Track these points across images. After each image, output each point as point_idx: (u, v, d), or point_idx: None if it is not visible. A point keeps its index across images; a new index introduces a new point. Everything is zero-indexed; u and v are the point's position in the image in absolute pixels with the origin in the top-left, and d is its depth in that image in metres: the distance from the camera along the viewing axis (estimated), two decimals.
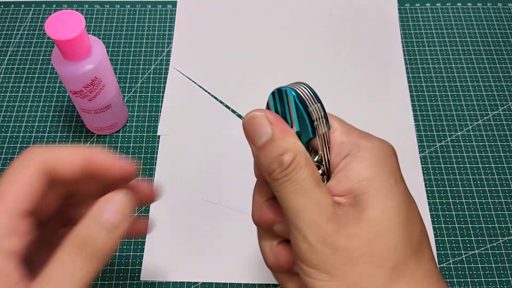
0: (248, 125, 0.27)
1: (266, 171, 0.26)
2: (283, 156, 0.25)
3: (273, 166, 0.25)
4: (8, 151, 0.49)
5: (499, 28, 0.59)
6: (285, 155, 0.25)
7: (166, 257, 0.44)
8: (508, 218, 0.46)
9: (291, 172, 0.25)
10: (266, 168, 0.26)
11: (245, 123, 0.27)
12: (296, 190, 0.25)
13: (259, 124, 0.26)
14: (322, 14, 0.59)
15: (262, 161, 0.26)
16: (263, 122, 0.26)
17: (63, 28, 0.39)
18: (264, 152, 0.26)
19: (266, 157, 0.26)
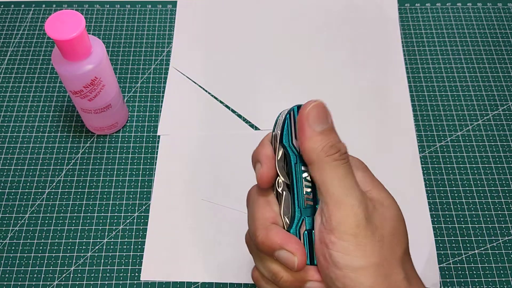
0: (315, 110, 0.30)
1: (324, 153, 0.29)
2: (340, 144, 0.30)
3: (333, 150, 0.29)
4: (8, 151, 0.49)
5: (499, 28, 0.59)
6: (342, 144, 0.30)
7: (166, 257, 0.44)
8: (508, 218, 0.46)
9: (346, 158, 0.30)
10: (326, 150, 0.29)
11: (313, 107, 0.30)
12: (350, 173, 0.30)
13: (324, 112, 0.30)
14: (322, 14, 0.59)
15: (317, 144, 0.29)
16: (327, 112, 0.30)
17: (63, 28, 0.39)
18: (325, 136, 0.30)
19: (326, 141, 0.29)
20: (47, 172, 0.48)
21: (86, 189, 0.47)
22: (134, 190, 0.47)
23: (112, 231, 0.45)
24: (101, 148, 0.50)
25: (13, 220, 0.46)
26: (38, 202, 0.47)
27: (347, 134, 0.34)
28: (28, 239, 0.45)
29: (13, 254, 0.44)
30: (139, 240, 0.45)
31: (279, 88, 0.54)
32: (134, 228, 0.46)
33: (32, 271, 0.43)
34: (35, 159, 0.49)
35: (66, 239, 0.45)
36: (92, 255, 0.44)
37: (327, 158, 0.29)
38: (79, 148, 0.50)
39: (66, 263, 0.44)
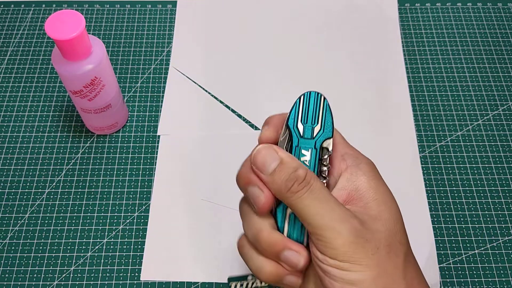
0: (258, 157, 0.30)
1: (283, 190, 0.30)
2: (297, 171, 0.29)
3: (290, 183, 0.29)
4: (8, 151, 0.49)
5: (499, 28, 0.59)
6: (299, 170, 0.29)
7: (166, 257, 0.44)
8: (508, 218, 0.46)
9: (308, 183, 0.29)
10: (284, 187, 0.29)
11: (254, 155, 0.30)
12: (318, 197, 0.29)
13: (267, 154, 0.30)
14: (322, 14, 0.59)
15: (277, 183, 0.30)
16: (270, 151, 0.30)
17: (63, 28, 0.39)
18: (278, 174, 0.30)
19: (281, 178, 0.30)
20: (47, 172, 0.48)
21: (86, 189, 0.47)
22: (134, 190, 0.47)
23: (112, 231, 0.45)
24: (101, 148, 0.50)
25: (13, 220, 0.46)
26: (38, 202, 0.47)
27: (347, 134, 0.34)
28: (28, 239, 0.45)
29: (13, 254, 0.44)
30: (139, 240, 0.45)
31: (279, 88, 0.54)
32: (134, 228, 0.46)
33: (32, 271, 0.43)
34: (35, 159, 0.49)
35: (66, 239, 0.45)
36: (92, 255, 0.44)
37: (288, 194, 0.29)
38: (79, 148, 0.50)
39: (66, 263, 0.44)
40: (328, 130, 0.31)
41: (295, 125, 0.31)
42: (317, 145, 0.31)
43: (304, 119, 0.31)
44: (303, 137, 0.31)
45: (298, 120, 0.31)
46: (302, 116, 0.31)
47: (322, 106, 0.32)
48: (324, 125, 0.32)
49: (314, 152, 0.31)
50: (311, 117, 0.32)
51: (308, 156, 0.31)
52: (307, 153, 0.31)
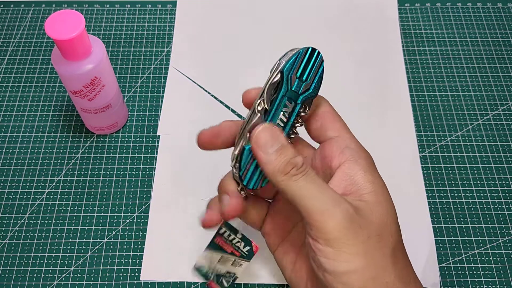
0: (262, 133, 0.31)
1: (280, 172, 0.30)
2: (295, 158, 0.31)
3: (290, 167, 0.30)
4: (8, 151, 0.49)
5: (499, 28, 0.59)
6: (297, 158, 0.31)
7: (166, 257, 0.44)
8: (508, 218, 0.46)
9: (305, 169, 0.30)
10: (282, 170, 0.30)
11: (258, 134, 0.31)
12: (312, 181, 0.30)
13: (270, 135, 0.31)
14: (322, 14, 0.59)
15: (273, 164, 0.31)
16: (275, 132, 0.31)
17: (63, 27, 0.39)
18: (278, 156, 0.31)
19: (280, 161, 0.30)
20: (47, 172, 0.48)
21: (86, 189, 0.47)
22: (134, 190, 0.47)
23: (112, 231, 0.45)
24: (101, 148, 0.50)
25: (13, 220, 0.46)
26: (38, 202, 0.47)
27: None
28: (28, 239, 0.45)
29: (13, 254, 0.44)
30: (139, 240, 0.45)
31: None
32: (134, 228, 0.46)
33: (32, 271, 0.43)
34: (35, 159, 0.49)
35: (66, 239, 0.45)
36: (92, 255, 0.44)
37: (285, 177, 0.30)
38: (79, 148, 0.50)
39: (66, 263, 0.44)
40: (315, 91, 0.33)
41: (290, 75, 0.32)
42: (299, 101, 0.33)
43: (300, 73, 0.32)
44: (292, 89, 0.32)
45: (294, 71, 0.32)
46: (300, 69, 0.32)
47: (319, 66, 0.33)
48: (313, 85, 0.33)
49: (297, 107, 0.33)
50: (307, 74, 0.33)
51: (290, 109, 0.33)
52: (290, 105, 0.33)
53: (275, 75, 0.32)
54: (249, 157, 0.33)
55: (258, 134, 0.31)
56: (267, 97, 0.32)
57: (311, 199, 0.30)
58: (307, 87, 0.33)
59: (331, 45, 0.57)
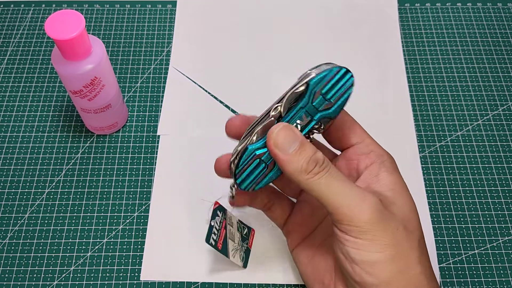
0: (280, 134, 0.31)
1: (304, 172, 0.30)
2: (316, 154, 0.30)
3: (312, 165, 0.30)
4: (8, 151, 0.49)
5: (499, 28, 0.59)
6: (318, 153, 0.31)
7: (166, 257, 0.44)
8: (508, 218, 0.46)
9: (327, 165, 0.31)
10: (304, 169, 0.30)
11: (277, 134, 0.31)
12: (337, 177, 0.30)
13: (288, 134, 0.31)
14: (322, 14, 0.59)
15: (294, 164, 0.30)
16: (293, 131, 0.31)
17: (63, 27, 0.39)
18: (298, 155, 0.30)
19: (301, 160, 0.30)
20: (46, 172, 0.48)
21: (86, 189, 0.47)
22: (134, 190, 0.47)
23: (112, 231, 0.45)
24: (101, 148, 0.50)
25: (12, 220, 0.46)
26: (37, 202, 0.47)
27: None
28: (27, 239, 0.45)
29: (12, 254, 0.44)
30: (139, 240, 0.45)
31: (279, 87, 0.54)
32: (134, 228, 0.46)
33: (32, 271, 0.43)
34: (35, 159, 0.49)
35: (66, 239, 0.45)
36: (92, 255, 0.44)
37: (308, 175, 0.30)
38: (79, 148, 0.50)
39: (66, 263, 0.44)
40: (335, 113, 0.32)
41: (315, 89, 0.31)
42: (316, 117, 0.32)
43: (326, 91, 0.31)
44: (313, 104, 0.32)
45: (320, 87, 0.31)
46: (326, 87, 0.31)
47: (346, 90, 0.32)
48: (335, 107, 0.32)
49: (312, 123, 0.32)
50: (332, 93, 0.32)
51: (305, 122, 0.32)
52: (305, 119, 0.32)
53: (300, 85, 0.31)
54: (248, 158, 0.33)
55: (277, 134, 0.31)
56: (286, 103, 0.32)
57: (337, 195, 0.30)
58: (329, 106, 0.32)
59: (331, 45, 0.57)
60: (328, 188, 0.30)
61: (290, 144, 0.31)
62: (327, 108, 0.32)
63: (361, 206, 0.30)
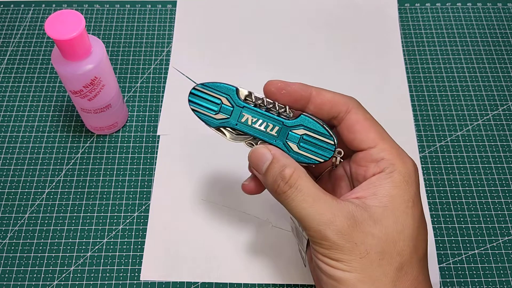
0: (253, 157, 0.32)
1: (273, 190, 0.31)
2: (284, 170, 0.30)
3: (277, 182, 0.30)
4: (8, 151, 0.49)
5: (499, 28, 0.59)
6: (286, 169, 0.30)
7: (166, 257, 0.44)
8: (508, 218, 0.46)
9: (295, 183, 0.30)
10: (272, 187, 0.30)
11: (250, 156, 0.32)
12: (305, 198, 0.29)
13: (261, 153, 0.31)
14: (322, 14, 0.59)
15: (268, 182, 0.31)
16: (264, 151, 0.31)
17: (63, 27, 0.39)
18: (268, 173, 0.31)
19: (270, 177, 0.30)
20: (46, 172, 0.48)
21: (86, 189, 0.47)
22: (134, 190, 0.47)
23: (112, 231, 0.45)
24: (101, 148, 0.50)
25: (12, 220, 0.46)
26: (37, 202, 0.47)
27: None
28: (27, 239, 0.45)
29: (12, 254, 0.44)
30: (139, 240, 0.45)
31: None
32: (134, 228, 0.46)
33: (32, 271, 0.43)
34: (35, 159, 0.49)
35: (66, 239, 0.45)
36: (92, 255, 0.44)
37: (276, 194, 0.31)
38: (79, 148, 0.50)
39: (66, 263, 0.44)
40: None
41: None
42: None
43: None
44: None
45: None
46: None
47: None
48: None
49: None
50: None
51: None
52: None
53: None
54: None
55: (250, 157, 0.32)
56: None
57: (305, 218, 0.29)
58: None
59: (331, 45, 0.57)
60: (295, 209, 0.30)
61: (262, 162, 0.31)
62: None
63: (326, 232, 0.29)
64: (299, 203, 0.29)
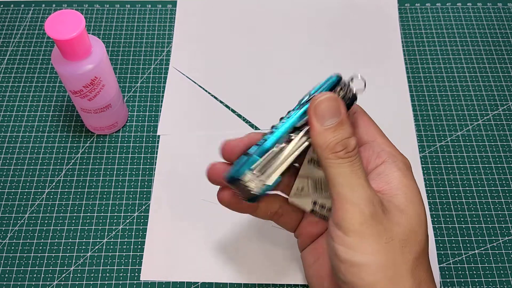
0: (323, 104, 0.30)
1: (329, 150, 0.29)
2: (350, 139, 0.29)
3: (339, 147, 0.29)
4: (8, 151, 0.49)
5: (499, 28, 0.59)
6: (351, 139, 0.29)
7: (166, 257, 0.44)
8: (508, 218, 0.46)
9: (354, 155, 0.29)
10: (331, 148, 0.29)
11: (321, 101, 0.30)
12: (356, 171, 0.29)
13: (335, 106, 0.30)
14: (322, 14, 0.59)
15: (325, 139, 0.29)
16: (338, 104, 0.30)
17: (63, 27, 0.39)
18: (333, 132, 0.29)
19: (333, 138, 0.29)
20: (46, 172, 0.48)
21: (86, 189, 0.47)
22: (134, 190, 0.47)
23: (112, 231, 0.45)
24: (101, 148, 0.50)
25: (12, 220, 0.46)
26: (37, 202, 0.47)
27: None
28: (27, 239, 0.45)
29: (12, 254, 0.44)
30: (139, 240, 0.45)
31: (279, 88, 0.54)
32: (134, 228, 0.46)
33: (32, 271, 0.43)
34: (35, 159, 0.49)
35: (66, 239, 0.45)
36: (92, 255, 0.44)
37: (332, 155, 0.29)
38: (79, 148, 0.50)
39: (66, 263, 0.44)
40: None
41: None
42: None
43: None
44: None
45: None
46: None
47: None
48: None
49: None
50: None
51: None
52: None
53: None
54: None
55: (318, 104, 0.29)
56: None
57: (347, 188, 0.29)
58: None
59: (331, 45, 0.57)
60: (342, 177, 0.29)
61: (329, 116, 0.29)
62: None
63: (362, 207, 0.29)
64: (347, 176, 0.29)
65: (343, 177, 0.29)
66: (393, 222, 0.29)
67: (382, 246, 0.28)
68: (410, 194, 0.31)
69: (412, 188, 0.31)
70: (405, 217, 0.30)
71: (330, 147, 0.29)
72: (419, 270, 0.30)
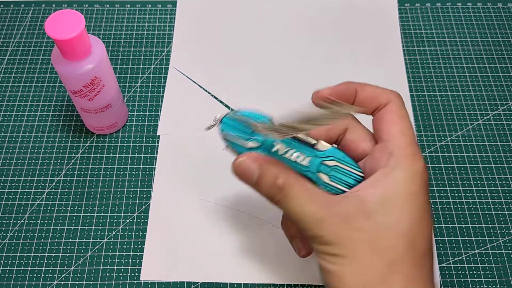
0: (238, 171, 0.33)
1: (267, 198, 0.32)
2: (277, 180, 0.31)
3: (273, 191, 0.31)
4: (8, 151, 0.49)
5: (499, 28, 0.59)
6: (279, 180, 0.31)
7: (166, 257, 0.44)
8: (508, 218, 0.46)
9: (288, 189, 0.31)
10: (267, 196, 0.32)
11: (235, 170, 0.33)
12: (299, 202, 0.31)
13: (245, 169, 0.32)
14: (322, 14, 0.59)
15: (261, 192, 0.32)
16: (247, 165, 0.32)
17: (63, 27, 0.39)
18: (261, 185, 0.32)
19: (264, 188, 0.32)
20: (46, 172, 0.48)
21: (86, 189, 0.47)
22: (134, 190, 0.47)
23: (112, 231, 0.45)
24: (101, 148, 0.50)
25: (12, 220, 0.46)
26: (37, 202, 0.47)
27: None
28: (27, 239, 0.45)
29: (12, 254, 0.44)
30: (139, 240, 0.45)
31: (279, 87, 0.54)
32: (134, 228, 0.46)
33: (32, 271, 0.43)
34: (35, 159, 0.49)
35: (66, 239, 0.45)
36: (92, 255, 0.44)
37: (274, 200, 0.32)
38: (79, 148, 0.50)
39: (66, 263, 0.44)
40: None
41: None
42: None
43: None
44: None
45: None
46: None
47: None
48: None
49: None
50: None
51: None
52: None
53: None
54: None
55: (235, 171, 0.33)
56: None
57: (298, 214, 0.31)
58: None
59: (331, 45, 0.57)
60: (290, 208, 0.31)
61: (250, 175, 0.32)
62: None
63: (319, 224, 0.30)
64: (294, 207, 0.31)
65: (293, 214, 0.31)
66: (354, 228, 0.29)
67: (347, 255, 0.30)
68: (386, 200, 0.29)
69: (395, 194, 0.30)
70: (370, 222, 0.29)
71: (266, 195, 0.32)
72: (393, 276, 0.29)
